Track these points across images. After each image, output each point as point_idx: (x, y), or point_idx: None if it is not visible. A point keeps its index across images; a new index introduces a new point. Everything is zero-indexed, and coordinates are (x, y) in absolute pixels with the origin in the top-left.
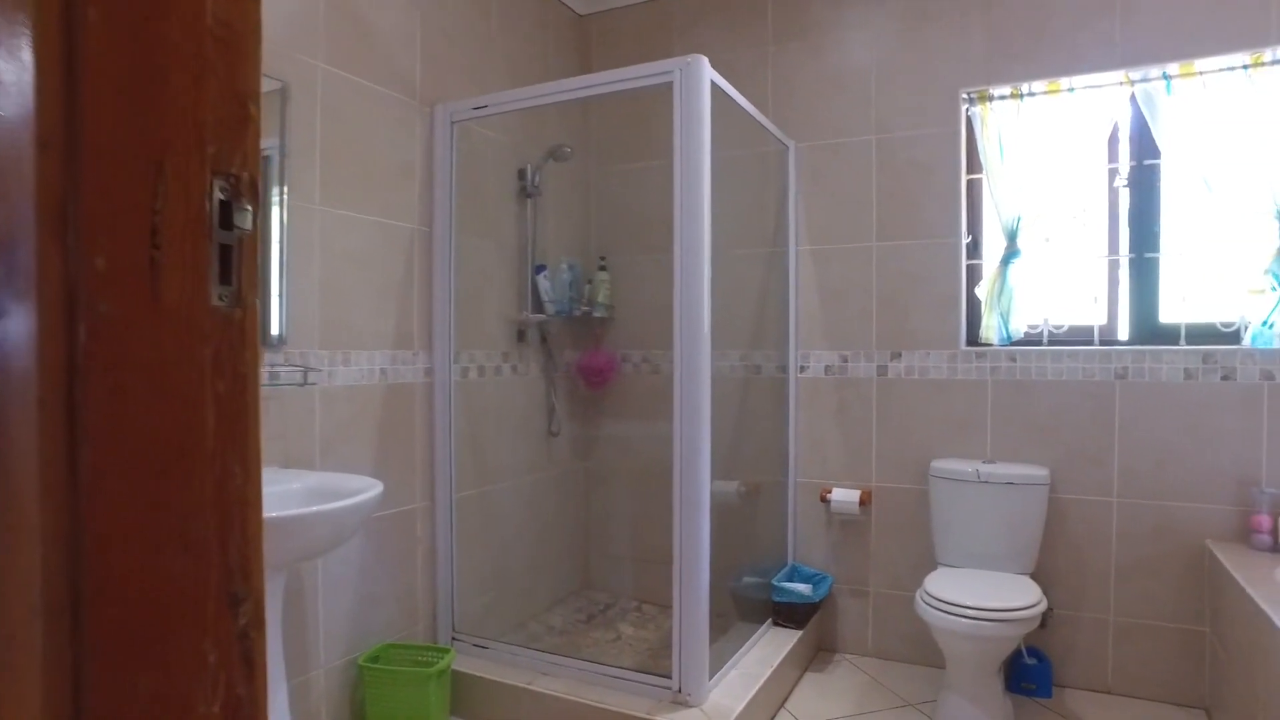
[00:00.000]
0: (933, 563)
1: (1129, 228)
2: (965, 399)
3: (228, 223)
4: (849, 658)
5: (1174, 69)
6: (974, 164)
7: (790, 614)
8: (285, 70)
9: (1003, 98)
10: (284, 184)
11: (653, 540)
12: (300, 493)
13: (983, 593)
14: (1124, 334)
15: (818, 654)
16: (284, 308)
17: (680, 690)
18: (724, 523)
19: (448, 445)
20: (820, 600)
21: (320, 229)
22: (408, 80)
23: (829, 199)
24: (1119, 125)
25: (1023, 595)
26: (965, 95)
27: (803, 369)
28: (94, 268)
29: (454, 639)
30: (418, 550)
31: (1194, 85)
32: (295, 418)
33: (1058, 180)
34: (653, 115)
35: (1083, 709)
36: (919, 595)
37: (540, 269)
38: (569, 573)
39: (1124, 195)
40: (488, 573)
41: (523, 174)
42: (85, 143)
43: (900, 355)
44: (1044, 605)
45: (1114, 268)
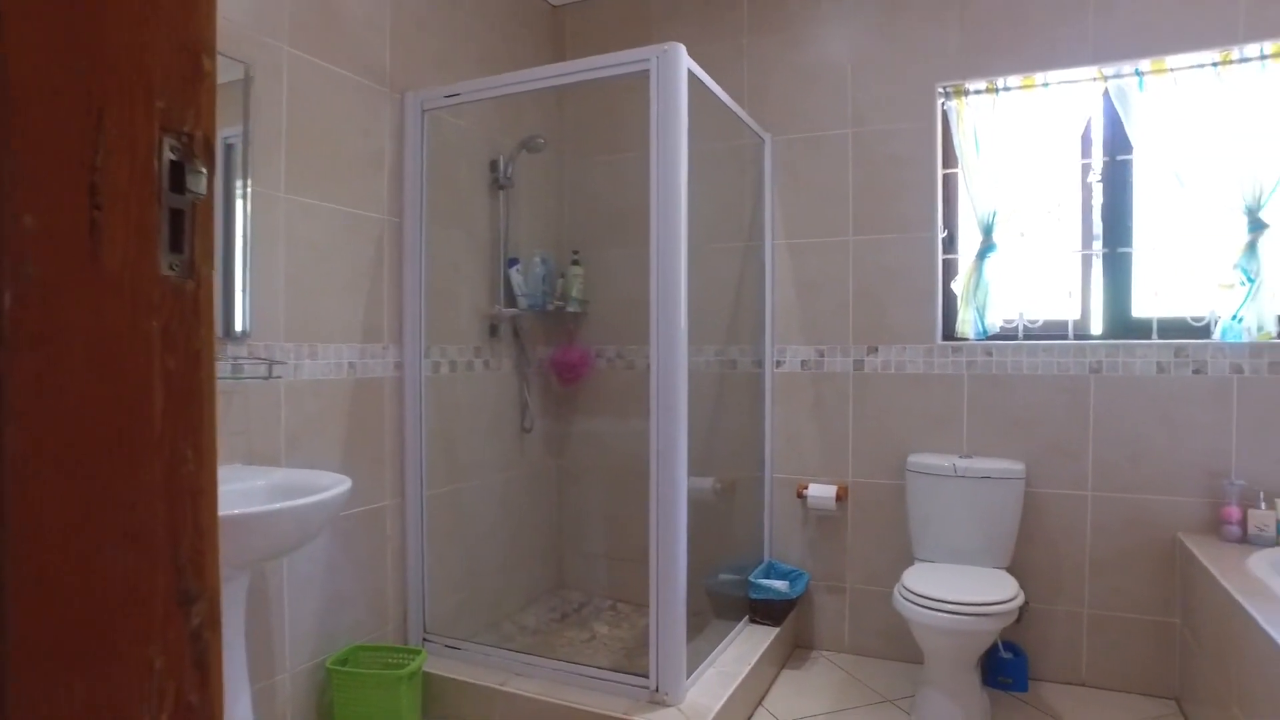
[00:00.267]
0: (909, 558)
1: (1102, 223)
2: (942, 393)
3: (179, 185)
4: (826, 654)
5: (1146, 65)
6: (949, 158)
7: (767, 611)
8: (249, 53)
9: (978, 92)
10: (248, 171)
11: (628, 538)
12: (264, 489)
13: (961, 587)
14: (1097, 328)
15: (795, 651)
16: (248, 299)
17: (657, 690)
18: (700, 520)
19: (418, 441)
20: (797, 597)
21: (286, 218)
22: (377, 67)
23: (805, 192)
24: (1092, 121)
25: (1000, 590)
26: (941, 89)
27: (779, 364)
28: (21, 226)
29: (425, 640)
30: (387, 549)
31: (1165, 82)
32: (259, 412)
33: (1032, 175)
34: (628, 106)
35: (1058, 702)
36: (897, 591)
37: (513, 262)
38: (543, 571)
39: (1097, 190)
40: (460, 572)
41: (495, 165)
42: (11, 82)
43: (877, 350)
44: (1021, 599)
45: (1087, 262)
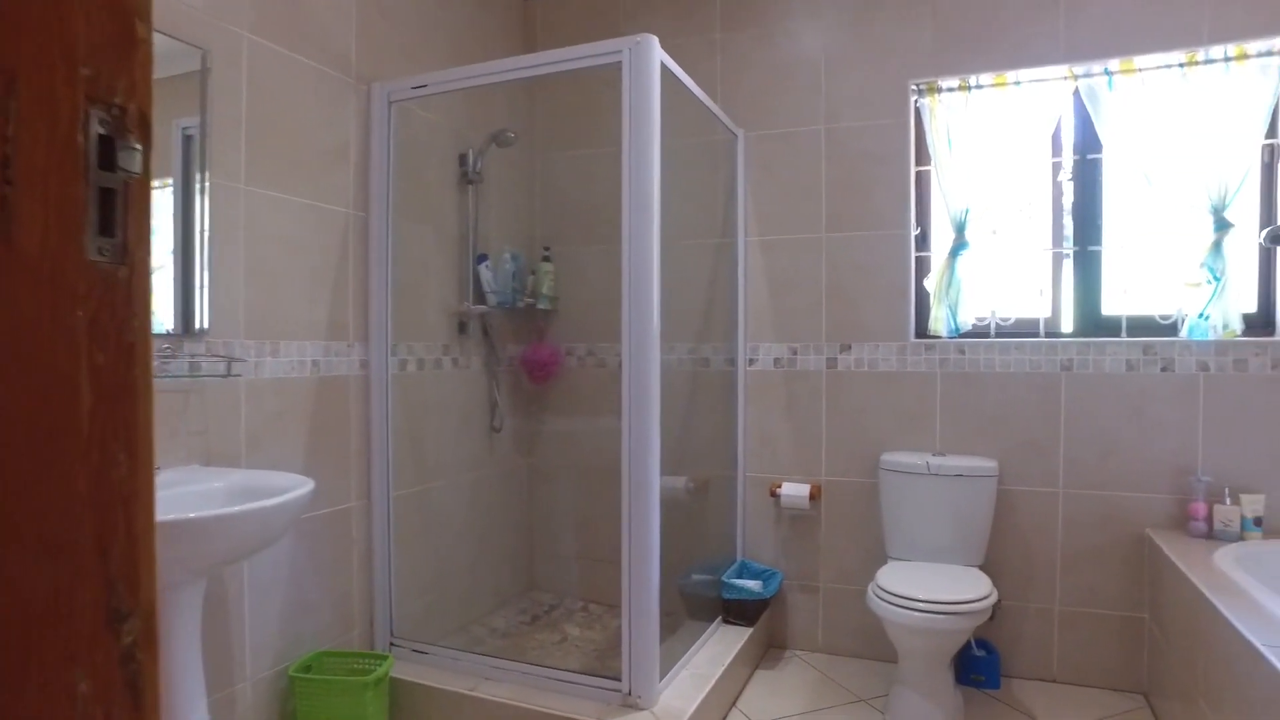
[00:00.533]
0: (883, 557)
1: (1072, 221)
2: (915, 391)
3: (110, 163)
4: (799, 654)
5: (1115, 65)
6: (922, 156)
7: (740, 611)
8: (206, 38)
9: (951, 90)
10: (205, 161)
11: (599, 538)
12: (223, 492)
13: (935, 586)
14: (1068, 326)
15: (768, 651)
16: (206, 294)
17: (630, 693)
18: (672, 519)
19: (385, 441)
20: (770, 597)
21: (246, 211)
22: (342, 56)
23: (778, 189)
24: (1063, 120)
25: (974, 588)
26: (914, 86)
27: (751, 362)
28: None
29: (392, 644)
30: (353, 551)
31: (1134, 82)
32: (218, 412)
33: (1004, 173)
34: (600, 100)
35: (1029, 699)
36: (871, 590)
37: (482, 259)
38: (513, 573)
39: (1068, 189)
40: (428, 574)
41: (464, 159)
42: None
43: (850, 347)
44: (995, 597)
45: (1058, 260)
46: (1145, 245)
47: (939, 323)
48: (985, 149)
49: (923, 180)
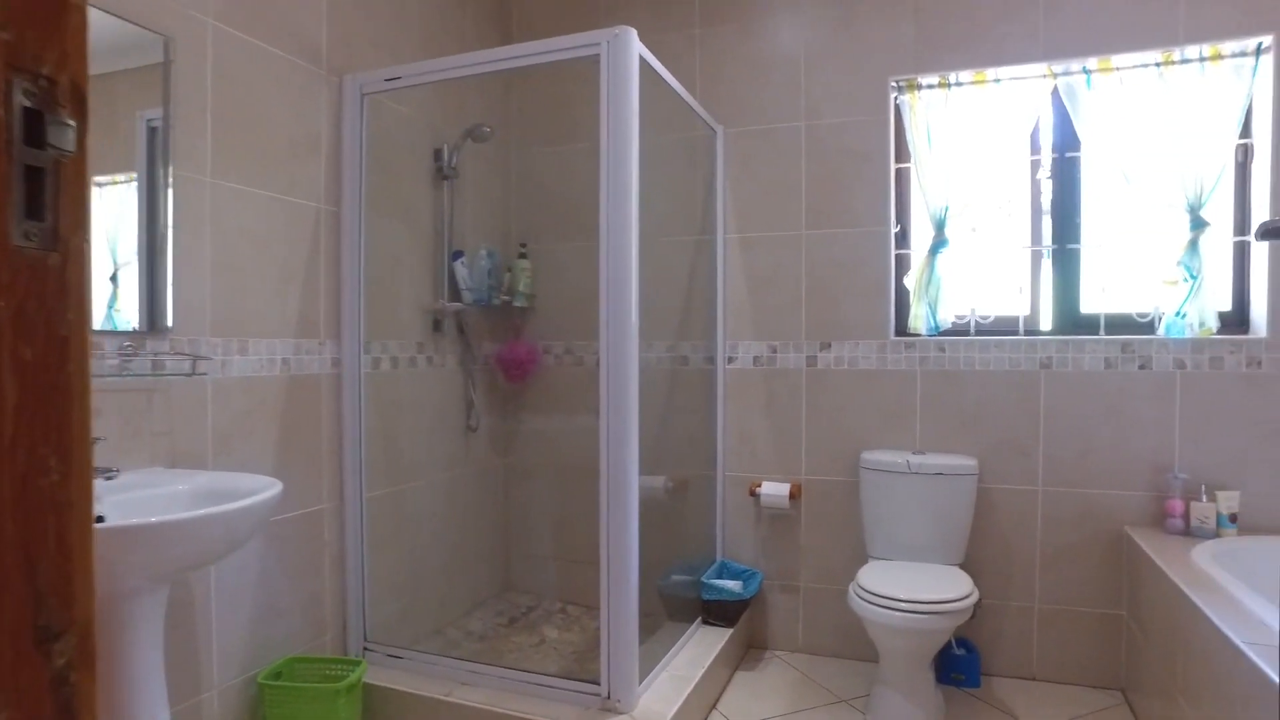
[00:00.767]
0: (863, 556)
1: (1051, 219)
2: (895, 390)
3: (38, 139)
4: (779, 655)
5: (1093, 64)
6: (902, 153)
7: (720, 612)
8: (168, 24)
9: (931, 87)
10: (169, 153)
11: (577, 538)
12: (187, 495)
13: (917, 585)
14: (1047, 324)
15: (748, 652)
16: (170, 290)
17: (609, 696)
18: (651, 519)
19: (357, 441)
20: (750, 597)
21: (213, 204)
22: (313, 47)
23: (758, 186)
24: (1042, 118)
25: (956, 587)
26: (894, 83)
27: (731, 360)
28: None
29: (366, 649)
30: (325, 554)
31: (1112, 81)
32: (184, 412)
33: (984, 171)
34: (577, 95)
35: (1009, 697)
36: (852, 589)
37: (457, 255)
38: (489, 575)
39: (1046, 187)
40: (402, 577)
41: (439, 154)
42: None
43: (830, 345)
44: (976, 596)
45: (1037, 258)
46: (1123, 243)
47: (919, 320)
48: (965, 146)
49: (902, 177)
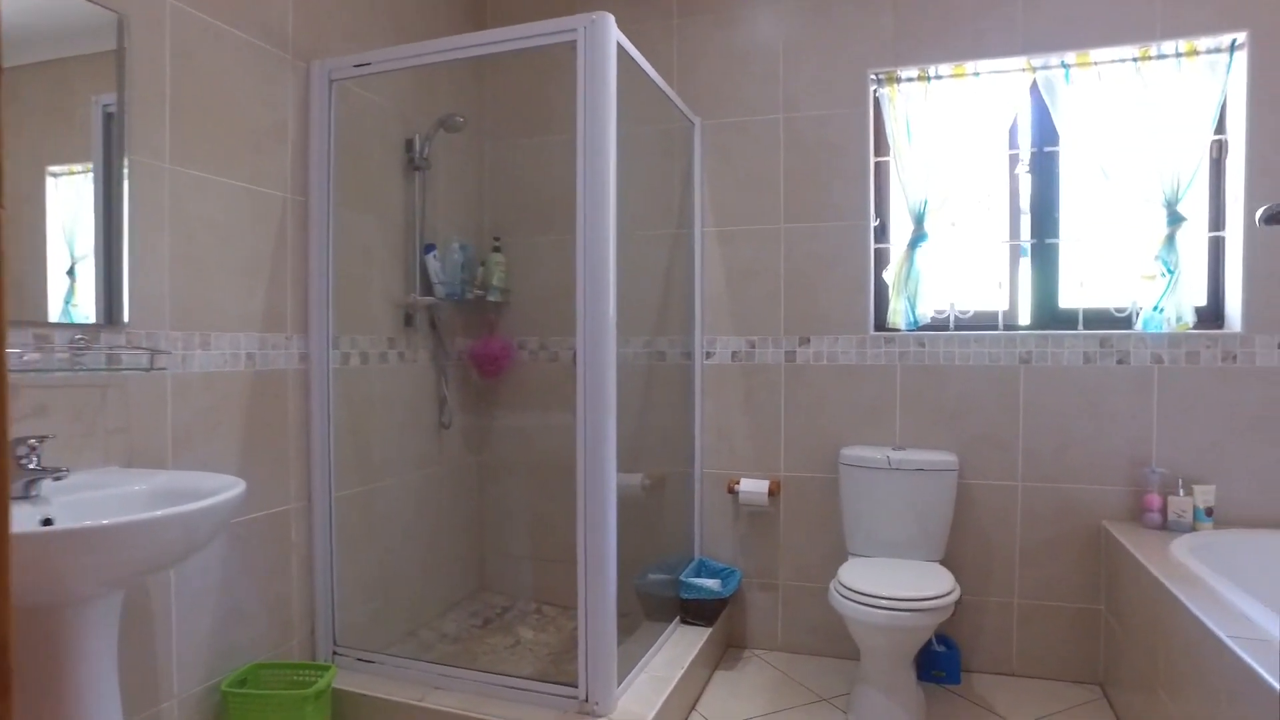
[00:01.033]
0: (843, 553)
1: (1030, 214)
2: (874, 385)
3: None
4: (759, 653)
5: (1072, 58)
6: (881, 146)
7: (699, 611)
8: (121, 2)
9: (910, 80)
10: (125, 138)
11: (553, 537)
12: (144, 495)
13: (898, 582)
14: (1026, 319)
15: (727, 651)
16: (126, 281)
17: (587, 699)
18: (628, 518)
19: (326, 439)
20: (729, 596)
21: (172, 192)
22: (278, 30)
23: (736, 179)
24: (1021, 112)
25: (937, 584)
26: (873, 76)
27: (709, 355)
28: None
29: (335, 654)
30: (292, 556)
31: (1090, 75)
32: (141, 408)
33: (963, 165)
34: (552, 85)
35: (989, 692)
36: (833, 587)
37: (429, 249)
38: (463, 575)
39: (1025, 181)
40: (373, 578)
41: (411, 144)
42: None
43: (809, 340)
44: (958, 593)
45: (1016, 253)
46: (1102, 238)
47: (898, 315)
48: (944, 140)
49: (881, 171)
